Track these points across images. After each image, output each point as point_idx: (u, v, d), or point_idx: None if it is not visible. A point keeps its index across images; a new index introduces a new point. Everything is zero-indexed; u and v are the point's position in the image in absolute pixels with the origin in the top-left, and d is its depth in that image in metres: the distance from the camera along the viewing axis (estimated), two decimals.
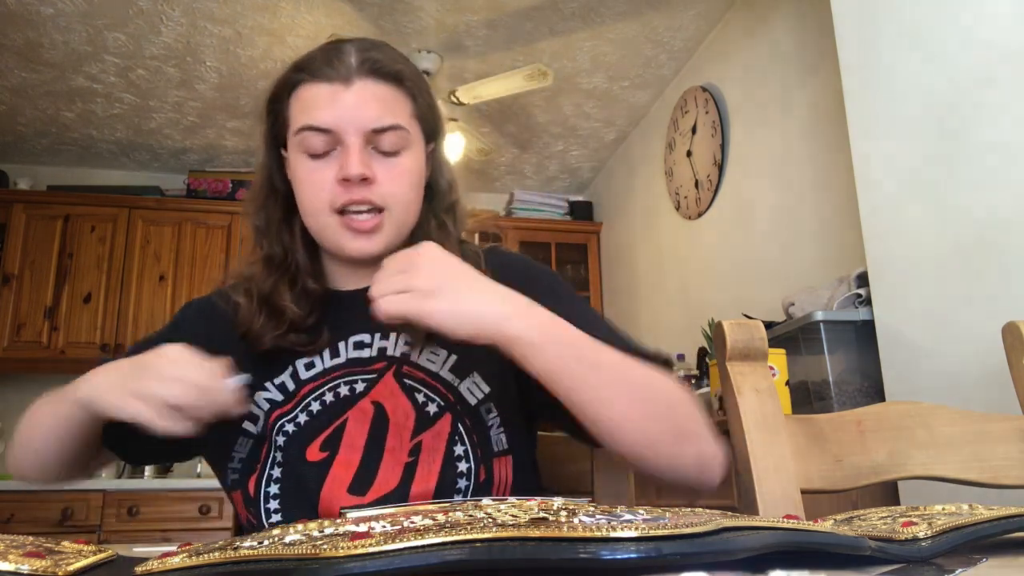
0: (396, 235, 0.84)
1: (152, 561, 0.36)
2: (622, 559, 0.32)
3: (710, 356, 2.51)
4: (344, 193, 0.79)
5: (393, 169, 0.81)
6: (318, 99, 0.80)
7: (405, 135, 0.82)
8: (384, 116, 0.80)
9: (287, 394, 0.84)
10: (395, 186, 0.81)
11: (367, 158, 0.80)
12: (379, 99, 0.81)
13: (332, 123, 0.79)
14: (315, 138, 0.80)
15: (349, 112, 0.79)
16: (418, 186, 0.86)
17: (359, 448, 0.80)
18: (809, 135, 2.43)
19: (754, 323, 0.78)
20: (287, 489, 0.81)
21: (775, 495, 0.72)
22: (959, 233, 1.43)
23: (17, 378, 3.78)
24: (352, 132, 0.79)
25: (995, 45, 1.38)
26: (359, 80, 0.80)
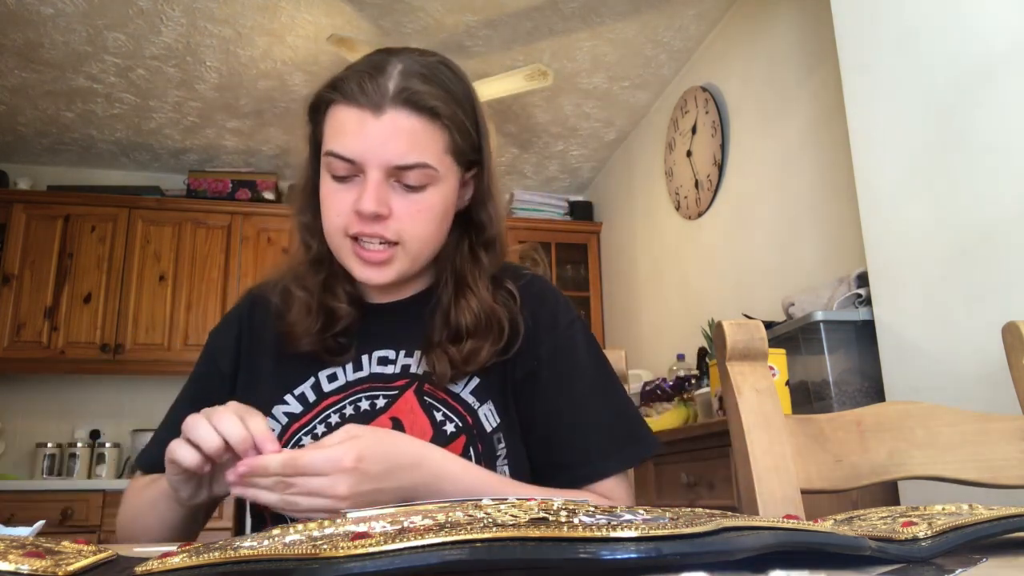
0: (410, 267, 0.83)
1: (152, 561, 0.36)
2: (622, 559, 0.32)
3: (710, 356, 2.51)
4: (357, 223, 0.79)
5: (413, 205, 0.79)
6: (346, 125, 0.78)
7: (431, 173, 0.79)
8: (410, 153, 0.77)
9: (306, 405, 0.84)
10: (412, 223, 0.80)
11: (385, 194, 0.78)
12: (408, 133, 0.77)
13: (356, 154, 0.77)
14: (339, 164, 0.78)
15: (374, 145, 0.76)
16: (441, 220, 0.83)
17: None
18: (809, 135, 2.43)
19: (754, 323, 0.78)
20: None
21: (775, 495, 0.72)
22: (959, 233, 1.43)
23: (17, 378, 3.78)
24: (374, 166, 0.77)
25: (995, 45, 1.38)
26: (391, 110, 0.77)
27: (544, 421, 0.84)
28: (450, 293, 0.86)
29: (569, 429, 0.83)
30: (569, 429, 0.83)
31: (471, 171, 0.87)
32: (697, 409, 2.36)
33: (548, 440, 0.83)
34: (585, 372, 0.87)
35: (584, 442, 0.83)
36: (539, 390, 0.85)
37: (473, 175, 0.88)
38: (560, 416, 0.84)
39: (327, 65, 3.19)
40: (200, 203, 3.96)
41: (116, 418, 3.84)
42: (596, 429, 0.84)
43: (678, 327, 3.30)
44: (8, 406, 3.76)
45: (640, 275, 3.79)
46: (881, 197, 1.64)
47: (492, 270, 0.89)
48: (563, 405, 0.84)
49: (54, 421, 3.78)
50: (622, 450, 0.83)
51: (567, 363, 0.86)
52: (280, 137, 3.87)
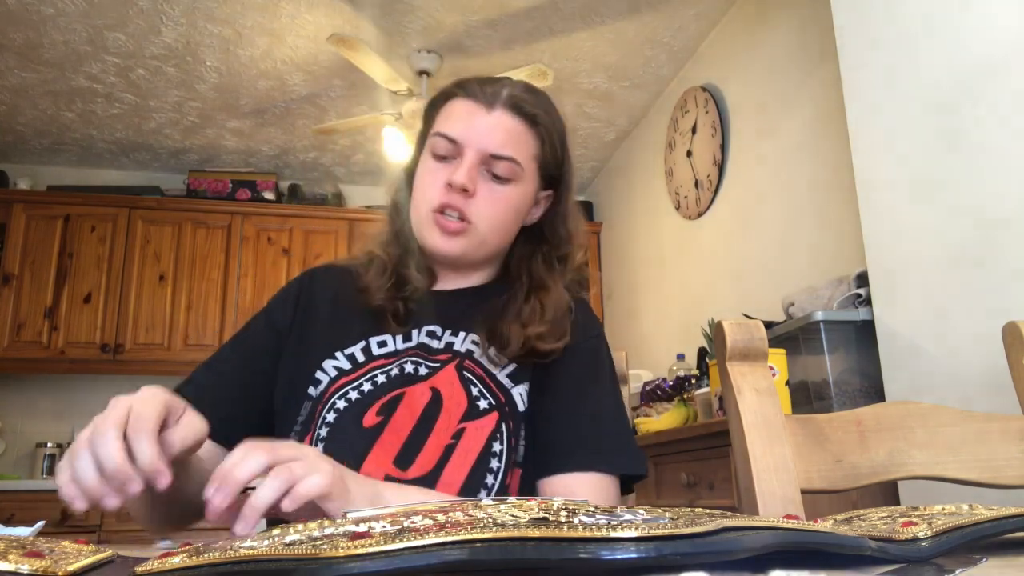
0: (476, 248, 0.92)
1: (152, 561, 0.36)
2: (622, 559, 0.32)
3: (710, 356, 2.50)
4: (445, 195, 0.89)
5: (493, 193, 0.91)
6: (459, 112, 0.92)
7: (518, 169, 0.91)
8: (505, 146, 0.90)
9: (355, 364, 0.91)
10: (488, 207, 0.90)
11: (475, 175, 0.89)
12: (507, 130, 0.90)
13: (460, 135, 0.90)
14: (443, 144, 0.90)
15: (477, 132, 0.89)
16: (513, 217, 0.94)
17: (410, 423, 0.86)
18: (809, 135, 2.43)
19: (754, 323, 0.78)
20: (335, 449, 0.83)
21: (775, 495, 0.72)
22: (959, 233, 1.43)
23: (17, 378, 3.78)
24: (473, 148, 0.89)
25: (995, 45, 1.38)
26: (499, 109, 0.91)
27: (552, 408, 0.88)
28: (525, 290, 0.94)
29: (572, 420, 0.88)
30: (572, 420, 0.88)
31: (547, 191, 0.98)
32: (697, 409, 2.36)
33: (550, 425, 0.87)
34: (599, 380, 0.93)
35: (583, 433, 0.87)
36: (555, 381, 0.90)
37: (549, 196, 0.99)
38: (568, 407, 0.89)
39: (327, 65, 3.19)
40: (200, 203, 3.96)
41: None
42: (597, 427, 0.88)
43: (678, 327, 3.30)
44: (8, 406, 3.76)
45: (640, 275, 3.79)
46: (881, 197, 1.64)
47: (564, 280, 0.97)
48: (573, 398, 0.89)
49: (54, 421, 3.78)
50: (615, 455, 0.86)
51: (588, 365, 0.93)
52: (280, 137, 3.87)
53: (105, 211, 3.83)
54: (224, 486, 0.58)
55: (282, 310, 0.98)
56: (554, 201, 0.99)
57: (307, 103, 3.53)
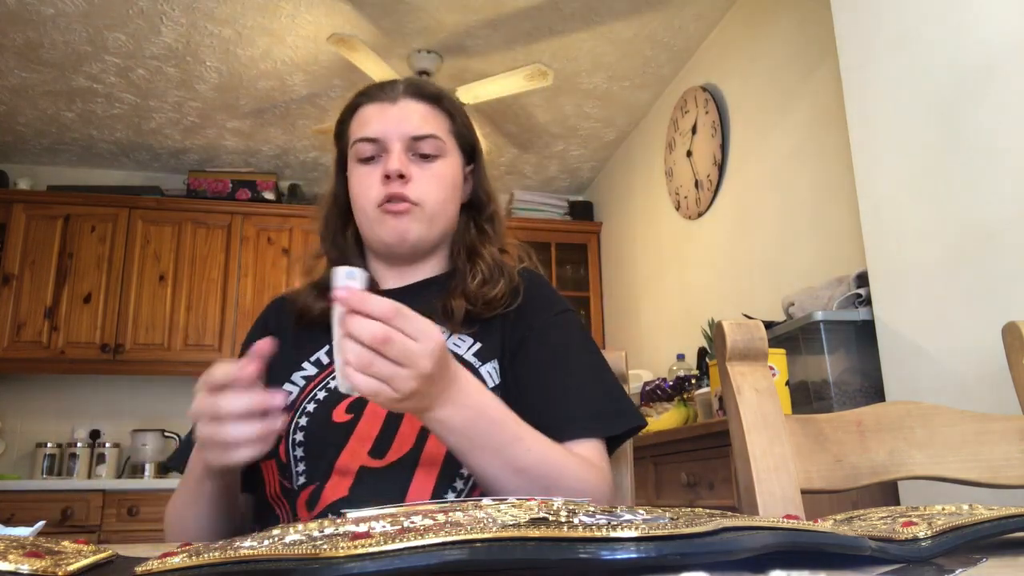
0: (428, 227, 0.96)
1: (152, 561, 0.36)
2: (622, 559, 0.32)
3: (710, 356, 2.51)
4: (385, 189, 0.93)
5: (428, 171, 0.96)
6: (370, 115, 0.97)
7: (441, 144, 0.97)
8: (423, 126, 0.96)
9: (321, 367, 0.93)
10: (428, 185, 0.95)
11: (406, 161, 0.94)
12: (418, 112, 0.97)
13: (379, 133, 0.95)
14: (366, 146, 0.96)
15: (393, 123, 0.95)
16: (452, 191, 0.99)
17: (382, 413, 0.87)
18: (809, 135, 2.43)
19: (754, 323, 0.78)
20: (312, 449, 0.86)
21: (775, 495, 0.72)
22: (959, 233, 1.43)
23: (17, 378, 3.78)
24: (395, 139, 0.94)
25: (995, 45, 1.38)
26: (403, 99, 0.97)
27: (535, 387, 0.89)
28: (463, 260, 0.99)
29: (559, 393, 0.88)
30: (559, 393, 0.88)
31: (469, 167, 1.04)
32: (697, 409, 2.36)
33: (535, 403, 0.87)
34: (576, 349, 0.94)
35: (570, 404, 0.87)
36: (530, 357, 0.91)
37: (472, 169, 1.05)
38: (550, 383, 0.89)
39: (327, 65, 3.19)
40: (200, 203, 3.96)
41: (116, 418, 3.84)
42: (583, 395, 0.88)
43: (678, 327, 3.30)
44: (8, 406, 3.77)
45: (640, 275, 3.80)
46: (881, 197, 1.64)
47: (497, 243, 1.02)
48: (554, 374, 0.90)
49: (54, 421, 3.78)
50: (606, 418, 0.87)
51: (560, 338, 0.94)
52: (280, 137, 3.87)
53: (105, 211, 3.83)
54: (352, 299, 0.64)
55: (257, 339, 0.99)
56: (472, 172, 1.05)
57: (307, 103, 3.53)
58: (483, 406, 0.74)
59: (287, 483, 0.87)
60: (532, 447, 0.76)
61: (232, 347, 3.75)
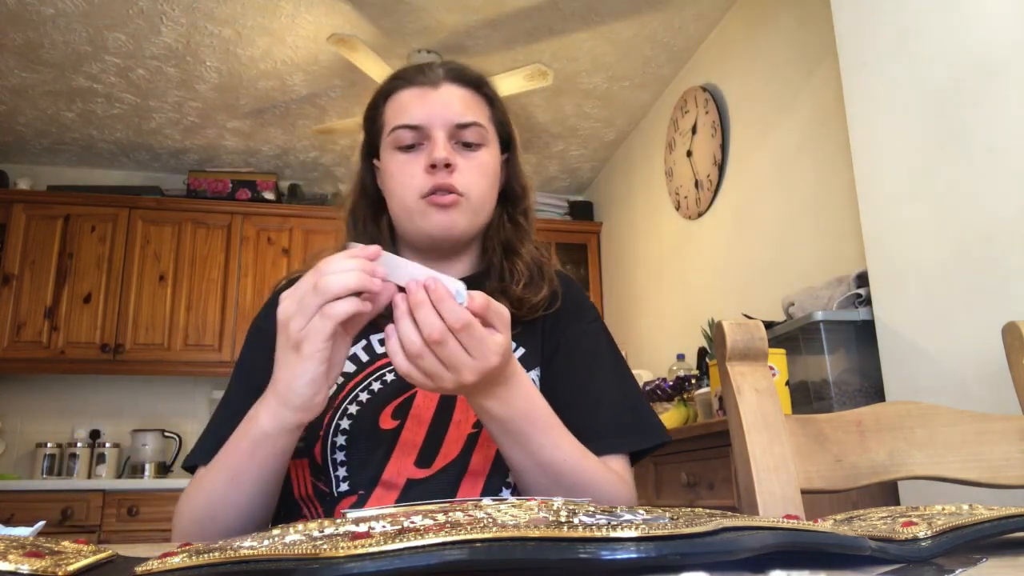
0: (472, 219, 0.92)
1: (152, 561, 0.36)
2: (622, 559, 0.32)
3: (710, 356, 2.51)
4: (430, 179, 0.88)
5: (472, 161, 0.91)
6: (410, 100, 0.92)
7: (484, 132, 0.93)
8: (466, 113, 0.91)
9: (360, 365, 0.89)
10: (473, 175, 0.90)
11: (451, 150, 0.90)
12: (461, 99, 0.93)
13: (421, 119, 0.90)
14: (406, 134, 0.90)
15: (436, 110, 0.90)
16: (493, 181, 0.94)
17: (426, 420, 0.85)
18: (809, 135, 2.43)
19: (754, 323, 0.78)
20: (355, 455, 0.84)
21: (775, 495, 0.72)
22: (959, 233, 1.43)
23: (17, 378, 3.78)
24: (438, 126, 0.89)
25: (995, 45, 1.38)
26: (445, 84, 0.93)
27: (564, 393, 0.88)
28: (500, 256, 0.96)
29: (589, 404, 0.88)
30: (589, 404, 0.88)
31: (504, 156, 1.00)
32: (697, 409, 2.36)
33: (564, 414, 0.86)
34: (606, 359, 0.94)
35: (600, 417, 0.87)
36: (562, 366, 0.91)
37: (506, 158, 1.00)
38: (580, 391, 0.89)
39: (327, 65, 3.19)
40: (200, 203, 3.96)
41: (116, 418, 3.84)
42: (613, 408, 0.88)
43: (678, 327, 3.30)
44: (8, 406, 3.76)
45: (640, 275, 3.79)
46: (881, 197, 1.64)
47: (531, 235, 1.00)
48: (584, 382, 0.90)
49: (54, 421, 3.78)
50: (634, 433, 0.87)
51: (591, 346, 0.94)
52: (280, 137, 3.87)
53: (105, 211, 3.83)
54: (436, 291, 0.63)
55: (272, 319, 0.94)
56: (508, 161, 1.01)
57: (307, 103, 3.53)
58: (530, 409, 0.74)
59: (323, 486, 0.84)
60: (569, 456, 0.76)
61: (232, 347, 3.75)
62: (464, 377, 0.65)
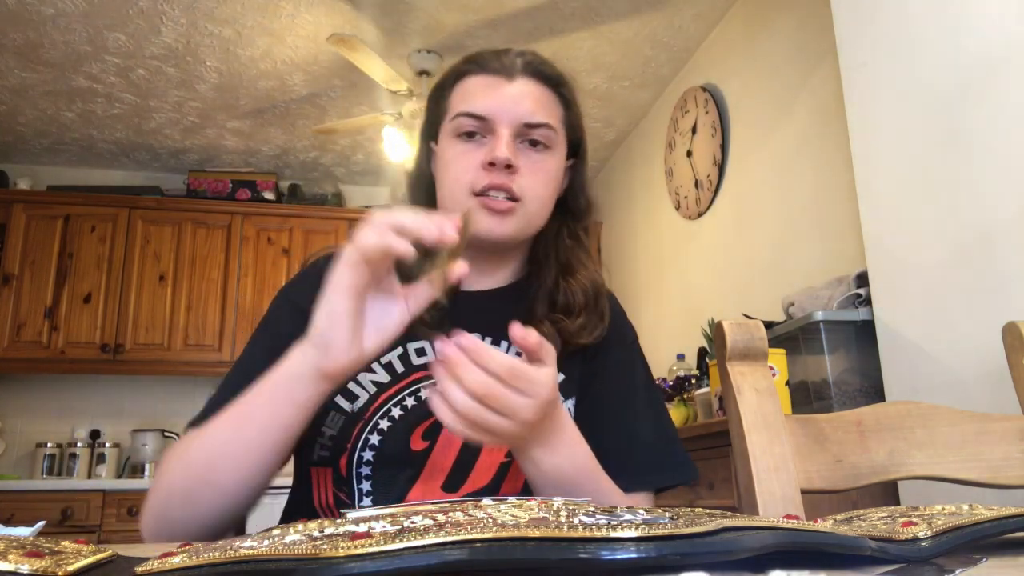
0: (524, 228, 0.86)
1: (152, 561, 0.36)
2: (622, 559, 0.32)
3: (710, 356, 2.51)
4: (486, 176, 0.82)
5: (535, 165, 0.84)
6: (480, 88, 0.85)
7: (552, 135, 0.86)
8: (538, 112, 0.85)
9: (394, 376, 0.84)
10: (534, 180, 0.84)
11: (514, 149, 0.83)
12: (535, 97, 0.85)
13: (488, 111, 0.83)
14: (469, 123, 0.84)
15: (507, 103, 0.83)
16: (554, 189, 0.88)
17: (457, 443, 0.81)
18: (809, 135, 2.43)
19: (754, 323, 0.78)
20: (381, 473, 0.81)
21: (775, 495, 0.72)
22: (959, 233, 1.43)
23: (17, 378, 3.78)
24: (505, 122, 0.83)
25: (995, 45, 1.38)
26: (521, 78, 0.86)
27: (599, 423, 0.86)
28: (554, 275, 0.89)
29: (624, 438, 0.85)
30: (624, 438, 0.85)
31: (569, 161, 0.93)
32: (697, 409, 2.36)
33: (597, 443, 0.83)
34: (642, 388, 0.91)
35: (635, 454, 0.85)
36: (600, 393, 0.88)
37: (571, 165, 0.93)
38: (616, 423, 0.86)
39: (327, 65, 3.19)
40: (200, 203, 3.96)
41: (116, 418, 3.84)
42: (648, 445, 0.86)
43: (678, 327, 3.30)
44: (8, 406, 3.76)
45: (640, 275, 3.79)
46: (881, 197, 1.64)
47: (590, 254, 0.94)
48: (620, 413, 0.87)
49: (54, 421, 3.78)
50: (667, 470, 0.86)
51: (630, 374, 0.91)
52: (280, 137, 3.87)
53: (105, 211, 3.84)
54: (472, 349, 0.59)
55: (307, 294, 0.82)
56: (574, 169, 0.94)
57: (307, 103, 3.53)
58: (575, 456, 0.71)
59: (345, 498, 0.82)
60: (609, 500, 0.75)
61: (232, 347, 3.75)
62: (524, 415, 0.60)
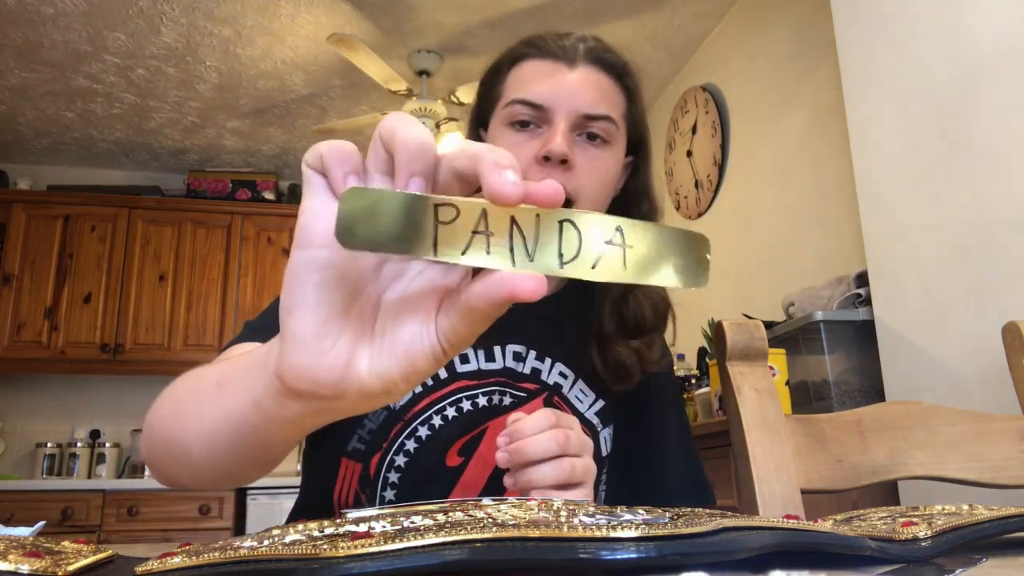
0: None
1: (152, 561, 0.36)
2: (622, 559, 0.32)
3: (710, 356, 2.50)
4: (539, 172, 0.75)
5: (593, 161, 0.78)
6: (538, 74, 0.79)
7: (612, 129, 0.79)
8: (599, 103, 0.78)
9: (437, 381, 0.81)
10: (590, 178, 0.77)
11: (571, 141, 0.77)
12: (598, 87, 0.79)
13: (545, 99, 0.77)
14: (524, 111, 0.77)
15: (566, 91, 0.77)
16: (611, 187, 0.82)
17: (492, 463, 0.78)
18: (809, 135, 2.43)
19: (754, 323, 0.78)
20: (409, 483, 0.78)
21: (775, 495, 0.72)
22: (959, 233, 1.43)
23: (17, 378, 3.78)
24: (563, 113, 0.77)
25: (995, 45, 1.38)
26: (583, 65, 0.79)
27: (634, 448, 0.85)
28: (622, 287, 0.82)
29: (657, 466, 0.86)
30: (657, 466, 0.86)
31: (629, 156, 0.86)
32: (697, 409, 2.36)
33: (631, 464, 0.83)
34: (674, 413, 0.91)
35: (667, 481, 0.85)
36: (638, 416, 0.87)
37: (631, 162, 0.87)
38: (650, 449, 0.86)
39: (327, 65, 3.19)
40: (200, 203, 3.96)
41: (116, 418, 3.84)
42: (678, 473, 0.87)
43: (678, 327, 3.30)
44: (8, 406, 3.76)
45: None
46: (881, 197, 1.64)
47: None
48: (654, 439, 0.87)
49: (54, 421, 3.78)
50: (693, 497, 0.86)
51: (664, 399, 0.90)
52: (280, 137, 3.87)
53: (105, 211, 3.84)
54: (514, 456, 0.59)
55: None
56: (635, 168, 0.87)
57: (307, 103, 3.53)
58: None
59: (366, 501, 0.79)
60: None
61: None
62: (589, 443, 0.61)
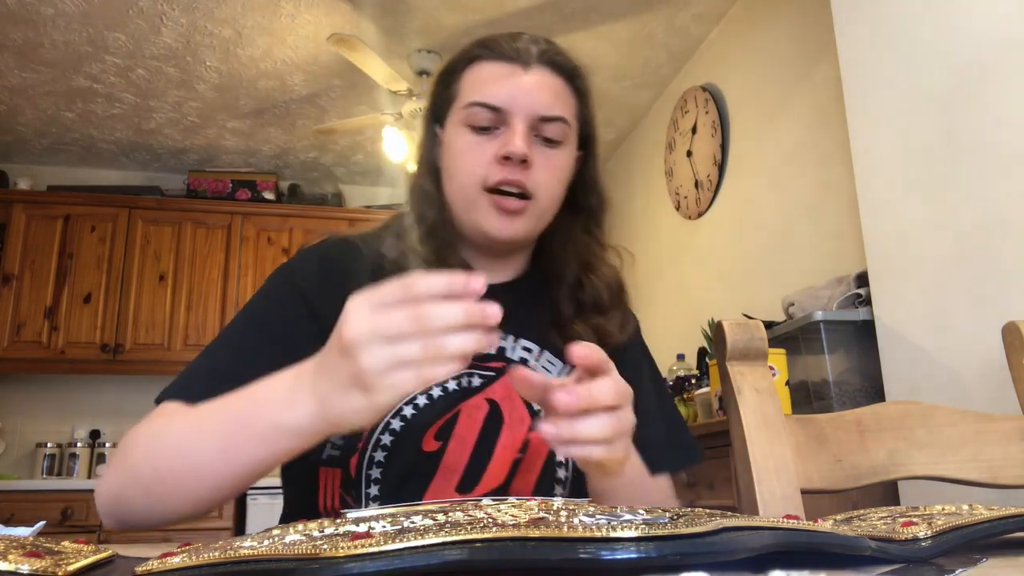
0: (535, 226, 0.84)
1: (152, 561, 0.36)
2: (622, 559, 0.32)
3: (710, 356, 2.51)
4: (500, 171, 0.79)
5: (549, 160, 0.82)
6: (494, 76, 0.81)
7: (566, 130, 0.83)
8: (554, 106, 0.82)
9: None
10: (547, 176, 0.81)
11: (530, 143, 0.80)
12: (552, 89, 0.82)
13: (504, 102, 0.80)
14: (483, 114, 0.80)
15: (523, 94, 0.80)
16: (564, 185, 0.86)
17: (470, 443, 0.80)
18: (809, 135, 2.43)
19: (754, 323, 0.78)
20: (392, 475, 0.78)
21: (775, 495, 0.72)
22: (959, 233, 1.43)
23: (17, 378, 3.78)
24: (521, 115, 0.80)
25: (994, 44, 1.38)
26: (537, 67, 0.82)
27: None
28: (575, 272, 0.87)
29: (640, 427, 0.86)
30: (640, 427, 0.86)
31: (580, 152, 0.90)
32: (697, 409, 2.36)
33: None
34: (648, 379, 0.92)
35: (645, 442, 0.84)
36: None
37: (580, 157, 0.89)
38: None
39: (327, 65, 3.19)
40: (200, 203, 3.96)
41: (116, 418, 3.84)
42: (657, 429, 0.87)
43: (678, 327, 3.30)
44: (8, 406, 3.76)
45: (640, 275, 3.79)
46: (881, 197, 1.64)
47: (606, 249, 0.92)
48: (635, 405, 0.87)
49: (54, 421, 3.78)
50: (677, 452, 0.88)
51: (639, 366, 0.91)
52: (280, 137, 3.87)
53: (105, 211, 3.83)
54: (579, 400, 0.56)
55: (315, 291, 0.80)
56: (584, 162, 0.90)
57: (307, 103, 3.53)
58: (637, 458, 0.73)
59: (352, 502, 0.79)
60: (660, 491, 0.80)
61: None
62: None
